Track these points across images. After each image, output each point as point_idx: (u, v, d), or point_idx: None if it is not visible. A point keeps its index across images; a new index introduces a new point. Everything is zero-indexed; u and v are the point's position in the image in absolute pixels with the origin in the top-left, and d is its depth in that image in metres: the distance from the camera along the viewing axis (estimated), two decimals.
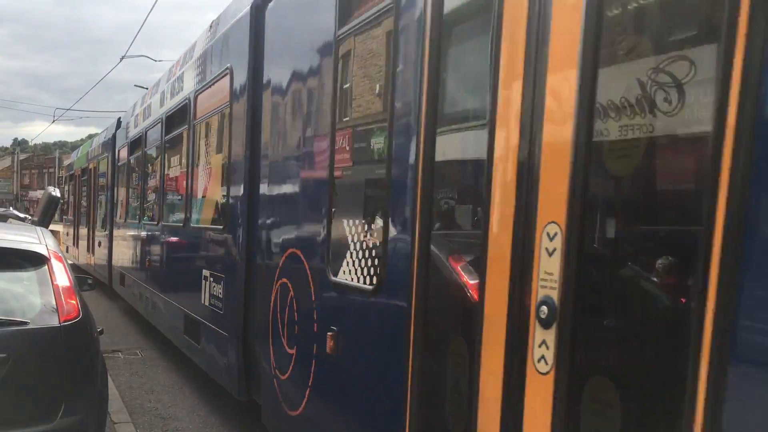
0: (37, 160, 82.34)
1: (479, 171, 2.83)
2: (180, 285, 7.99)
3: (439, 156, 3.04)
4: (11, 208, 32.91)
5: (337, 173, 4.07)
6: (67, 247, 20.02)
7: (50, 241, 5.29)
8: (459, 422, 3.01)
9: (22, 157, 79.58)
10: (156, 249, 9.33)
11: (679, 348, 1.96)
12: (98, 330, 5.06)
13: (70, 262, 5.51)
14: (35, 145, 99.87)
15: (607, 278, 2.49)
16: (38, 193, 49.30)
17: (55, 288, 4.61)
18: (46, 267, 4.72)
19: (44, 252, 4.85)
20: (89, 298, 5.45)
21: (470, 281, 2.98)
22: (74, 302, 4.64)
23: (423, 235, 3.07)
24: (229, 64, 6.31)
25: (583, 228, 2.31)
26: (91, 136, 32.59)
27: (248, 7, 5.83)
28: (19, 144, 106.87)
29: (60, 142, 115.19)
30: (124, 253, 11.88)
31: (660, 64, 2.15)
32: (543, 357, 2.40)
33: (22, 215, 20.91)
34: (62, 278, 4.71)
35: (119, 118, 14.58)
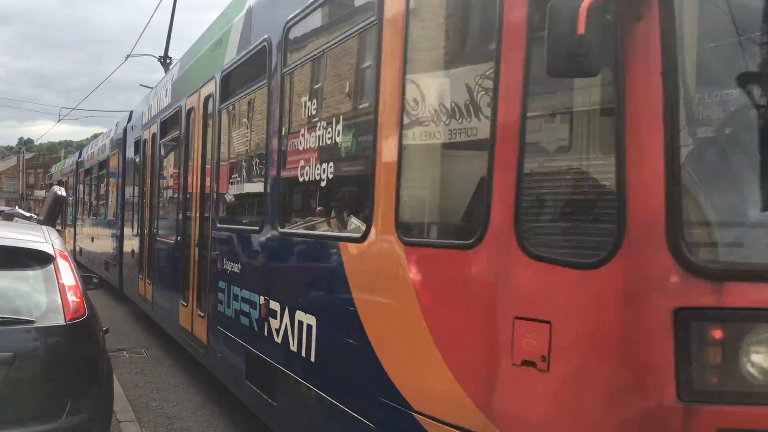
0: (43, 159, 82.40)
1: None
2: (104, 247, 15.53)
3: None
4: (17, 207, 32.90)
5: (128, 203, 12.93)
6: None
7: (56, 240, 5.29)
8: None
9: (28, 156, 79.72)
10: (94, 231, 17.56)
11: None
12: (104, 329, 5.06)
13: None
14: (41, 144, 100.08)
15: None
16: (43, 192, 49.27)
17: (61, 287, 4.61)
18: (52, 266, 4.71)
19: (50, 251, 4.85)
20: (95, 297, 5.46)
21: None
22: (80, 301, 4.64)
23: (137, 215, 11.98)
24: (118, 149, 14.36)
25: None
26: (95, 136, 32.66)
27: (123, 127, 14.28)
28: (25, 143, 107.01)
29: (65, 141, 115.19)
30: (81, 236, 20.25)
31: None
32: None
33: (27, 214, 20.91)
34: (68, 277, 4.71)
35: (81, 150, 23.82)
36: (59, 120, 52.73)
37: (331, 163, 4.35)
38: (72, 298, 4.59)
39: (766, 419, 2.42)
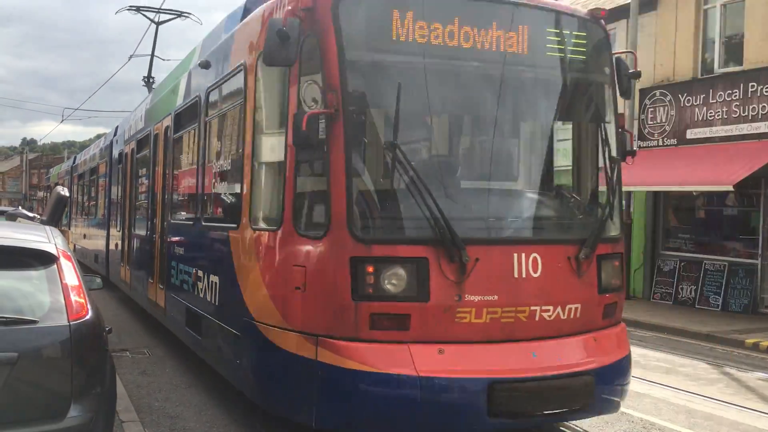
0: (46, 159, 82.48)
1: None
2: (94, 243, 18.12)
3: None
4: (20, 207, 32.92)
5: (113, 205, 15.70)
6: None
7: (59, 240, 5.31)
8: None
9: (31, 156, 79.89)
10: (86, 230, 20.25)
11: None
12: (107, 329, 5.07)
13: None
14: (44, 144, 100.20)
15: None
16: (43, 194, 49.26)
17: (64, 287, 4.62)
18: (55, 266, 4.74)
19: (53, 251, 4.87)
20: (98, 298, 5.46)
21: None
22: (83, 301, 4.66)
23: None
24: (106, 158, 17.00)
25: None
26: (99, 136, 32.76)
27: (110, 140, 17.00)
28: (28, 144, 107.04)
29: (68, 141, 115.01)
30: (75, 233, 22.65)
31: None
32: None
33: (30, 214, 20.96)
34: (71, 277, 4.72)
35: (75, 156, 26.94)
36: (62, 120, 52.97)
37: (226, 181, 7.22)
38: (75, 298, 4.61)
39: (392, 308, 5.21)
